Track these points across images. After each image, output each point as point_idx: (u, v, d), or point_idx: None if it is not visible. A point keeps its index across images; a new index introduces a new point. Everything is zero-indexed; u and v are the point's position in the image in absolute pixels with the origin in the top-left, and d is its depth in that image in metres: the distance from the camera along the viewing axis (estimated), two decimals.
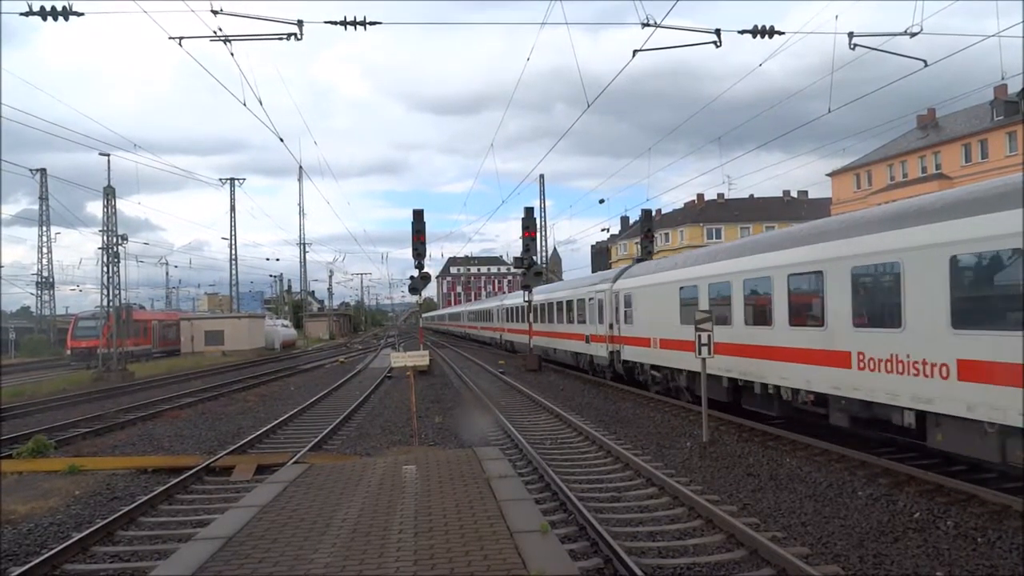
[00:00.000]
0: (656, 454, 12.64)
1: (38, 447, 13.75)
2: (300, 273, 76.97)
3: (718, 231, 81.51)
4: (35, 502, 10.23)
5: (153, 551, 8.10)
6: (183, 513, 9.82)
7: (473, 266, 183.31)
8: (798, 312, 12.40)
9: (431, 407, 19.84)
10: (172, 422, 18.53)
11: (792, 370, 12.37)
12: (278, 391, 26.37)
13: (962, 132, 53.56)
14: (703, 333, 13.05)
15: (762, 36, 14.23)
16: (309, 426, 17.18)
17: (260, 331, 61.28)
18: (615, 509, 9.34)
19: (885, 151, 60.80)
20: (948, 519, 8.18)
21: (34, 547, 8.32)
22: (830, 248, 11.40)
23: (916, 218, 9.80)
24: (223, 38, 14.12)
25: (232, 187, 66.63)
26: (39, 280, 63.91)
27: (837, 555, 7.28)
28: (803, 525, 8.31)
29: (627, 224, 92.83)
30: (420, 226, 28.10)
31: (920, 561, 7.04)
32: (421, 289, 30.72)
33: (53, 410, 22.02)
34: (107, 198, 37.38)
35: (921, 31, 13.70)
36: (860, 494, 9.39)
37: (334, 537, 6.86)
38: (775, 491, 9.82)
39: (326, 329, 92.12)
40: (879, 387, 10.20)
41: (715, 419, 14.79)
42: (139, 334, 47.38)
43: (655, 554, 7.57)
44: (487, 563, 5.97)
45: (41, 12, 12.94)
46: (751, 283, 14.07)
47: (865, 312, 10.81)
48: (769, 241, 14.38)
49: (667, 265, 19.68)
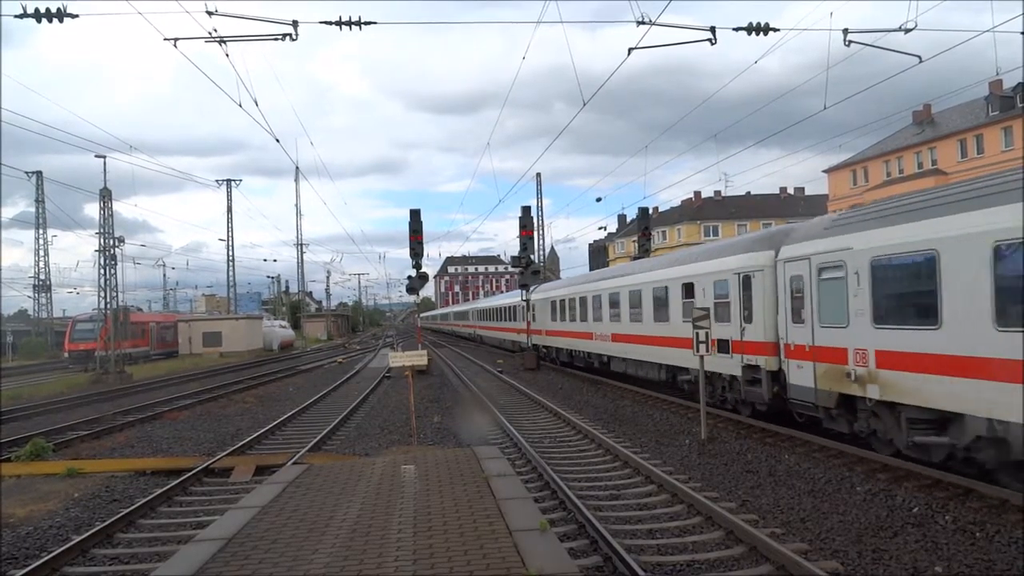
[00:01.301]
0: (655, 452, 12.66)
1: (36, 450, 13.73)
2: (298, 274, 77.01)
3: (715, 228, 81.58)
4: (34, 505, 10.22)
5: (153, 553, 8.10)
6: (182, 515, 9.82)
7: (471, 265, 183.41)
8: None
9: (430, 407, 19.85)
10: (171, 424, 18.51)
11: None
12: (276, 392, 26.36)
13: (958, 127, 53.62)
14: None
15: (757, 33, 14.23)
16: (308, 427, 17.18)
17: (258, 332, 61.24)
18: (614, 507, 9.35)
19: (881, 147, 60.87)
20: (947, 514, 8.20)
21: (34, 550, 8.31)
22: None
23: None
24: (218, 39, 14.10)
25: (229, 188, 66.61)
26: (36, 283, 63.82)
27: (836, 551, 7.30)
28: (802, 521, 8.32)
29: (624, 222, 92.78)
30: (417, 226, 28.11)
31: (919, 556, 7.06)
32: (419, 289, 30.75)
33: (51, 413, 21.98)
34: (103, 200, 37.35)
35: (916, 27, 13.72)
36: (859, 490, 9.41)
37: (333, 537, 6.86)
38: (774, 487, 9.84)
39: (324, 330, 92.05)
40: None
41: (713, 416, 14.81)
42: (137, 336, 47.31)
43: (654, 551, 7.58)
44: (486, 562, 5.98)
45: (36, 14, 12.90)
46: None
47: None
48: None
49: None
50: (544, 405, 18.95)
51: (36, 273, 63.49)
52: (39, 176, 60.44)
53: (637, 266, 22.84)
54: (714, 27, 13.92)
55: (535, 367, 30.98)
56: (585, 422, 15.66)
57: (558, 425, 16.18)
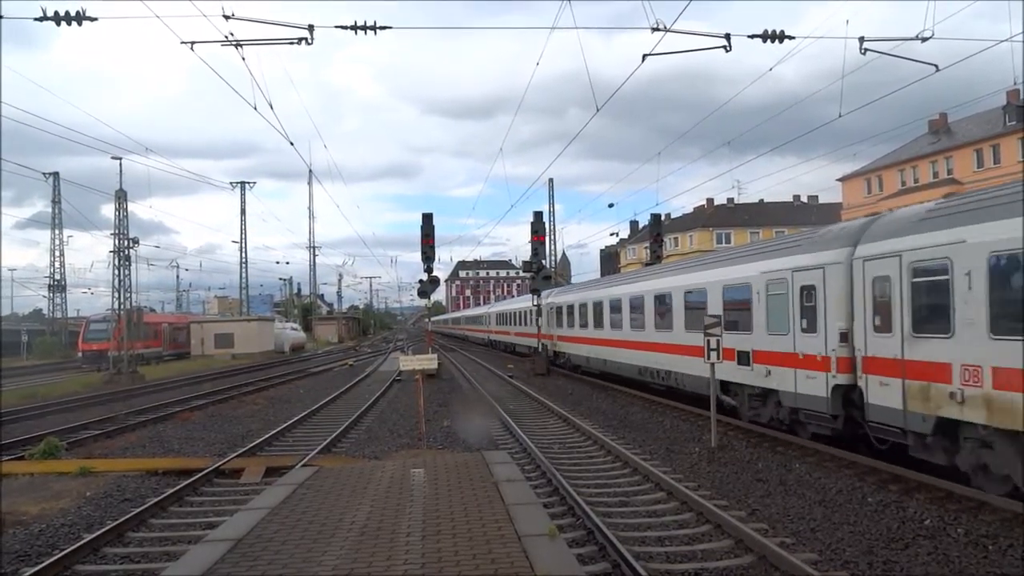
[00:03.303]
0: (664, 459, 12.61)
1: (49, 449, 13.84)
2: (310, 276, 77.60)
3: (728, 235, 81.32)
4: (46, 503, 10.30)
5: (163, 552, 8.14)
6: (193, 515, 9.87)
7: (482, 270, 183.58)
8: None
9: (439, 410, 19.86)
10: (182, 424, 18.62)
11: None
12: (287, 394, 26.46)
13: (974, 137, 53.27)
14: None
15: (772, 40, 14.20)
16: (318, 429, 17.23)
17: (269, 334, 61.53)
18: (623, 514, 9.33)
19: (896, 156, 60.54)
20: (959, 526, 8.13)
21: (46, 548, 8.38)
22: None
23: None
24: (235, 42, 14.21)
25: (243, 191, 67.14)
26: (51, 283, 64.48)
27: (846, 562, 7.25)
28: (812, 531, 8.27)
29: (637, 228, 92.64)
30: (429, 230, 28.13)
31: (930, 568, 7.00)
32: (430, 293, 30.74)
33: (64, 412, 22.16)
34: (118, 201, 37.69)
35: (933, 35, 13.66)
36: (870, 500, 9.34)
37: (343, 539, 6.89)
38: (784, 496, 9.79)
39: (335, 332, 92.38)
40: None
41: (723, 424, 14.75)
42: (150, 337, 47.65)
43: (663, 559, 7.55)
44: (495, 566, 5.98)
45: (55, 17, 13.06)
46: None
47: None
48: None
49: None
50: (553, 410, 18.92)
51: (51, 273, 64.20)
52: (56, 177, 61.14)
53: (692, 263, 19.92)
54: (729, 34, 13.91)
55: (545, 372, 30.97)
56: (594, 428, 15.63)
57: (567, 431, 16.16)
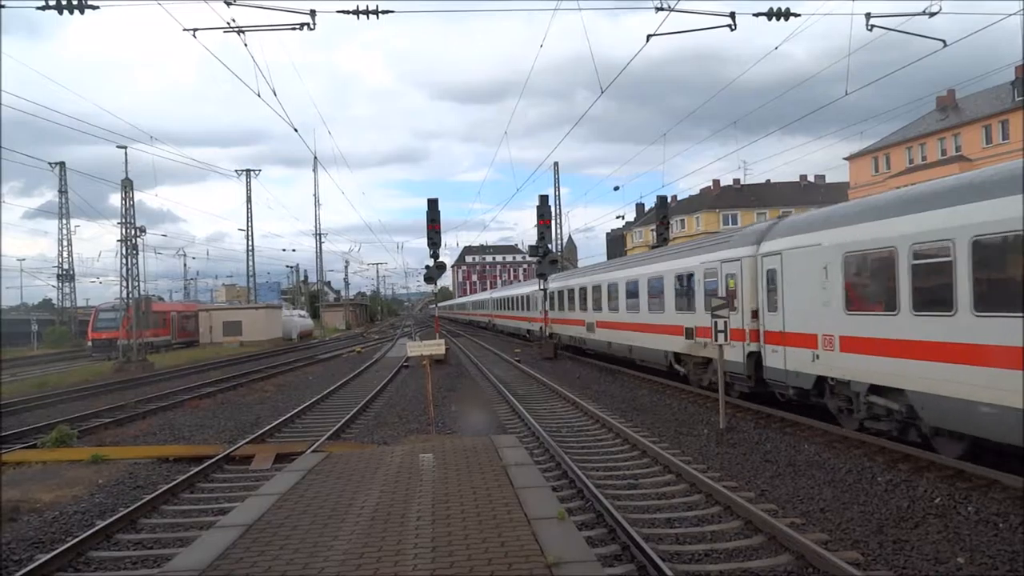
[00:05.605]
0: (673, 441, 12.62)
1: (61, 437, 13.95)
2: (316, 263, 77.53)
3: (734, 217, 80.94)
4: (59, 491, 10.39)
5: (175, 538, 8.20)
6: (204, 501, 9.94)
7: (488, 254, 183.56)
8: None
9: (447, 395, 19.92)
10: (192, 412, 18.73)
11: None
12: (296, 381, 26.57)
13: (983, 113, 52.67)
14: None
15: (778, 18, 14.04)
16: (327, 415, 17.31)
17: (277, 321, 61.73)
18: (632, 496, 9.34)
19: (904, 133, 59.94)
20: (969, 504, 8.11)
21: (59, 534, 8.46)
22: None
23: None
24: (237, 29, 14.14)
25: (248, 178, 67.04)
26: (60, 272, 64.72)
27: (856, 541, 7.25)
28: (822, 511, 8.27)
29: (642, 211, 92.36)
30: (435, 215, 28.11)
31: (941, 547, 6.99)
32: (437, 278, 30.78)
33: (76, 400, 22.32)
34: (124, 190, 37.71)
35: (940, 10, 13.49)
36: (880, 480, 9.33)
37: (353, 524, 6.92)
38: (793, 477, 9.78)
39: (343, 319, 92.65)
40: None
41: (732, 406, 14.74)
42: (158, 325, 47.86)
43: (673, 540, 7.57)
44: (504, 549, 6.00)
45: (57, 5, 13.01)
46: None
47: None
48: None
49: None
50: (561, 394, 18.95)
51: (60, 263, 64.42)
52: (62, 167, 61.16)
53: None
54: (734, 12, 13.76)
55: (552, 356, 31.00)
56: (603, 411, 15.65)
57: (575, 414, 16.18)
